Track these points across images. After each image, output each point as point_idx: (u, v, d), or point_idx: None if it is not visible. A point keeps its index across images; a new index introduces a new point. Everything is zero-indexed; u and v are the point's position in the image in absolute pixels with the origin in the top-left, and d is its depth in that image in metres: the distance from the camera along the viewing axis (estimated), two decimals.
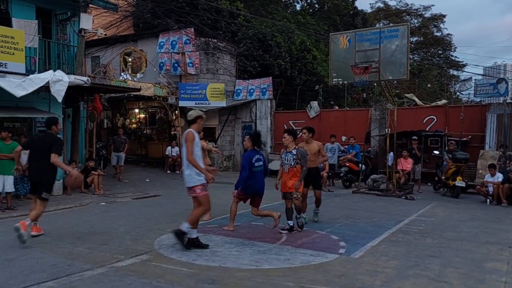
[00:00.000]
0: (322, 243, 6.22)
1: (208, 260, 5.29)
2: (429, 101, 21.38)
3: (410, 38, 12.16)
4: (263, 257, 5.46)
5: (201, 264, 5.13)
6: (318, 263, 5.24)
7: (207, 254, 5.54)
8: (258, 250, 5.75)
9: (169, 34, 17.33)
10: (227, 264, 5.12)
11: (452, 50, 36.09)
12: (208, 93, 16.67)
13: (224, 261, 5.25)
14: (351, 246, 6.03)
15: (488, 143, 13.30)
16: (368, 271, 4.95)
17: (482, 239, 6.61)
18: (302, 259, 5.39)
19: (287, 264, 5.17)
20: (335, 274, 4.81)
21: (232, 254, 5.55)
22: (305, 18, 24.51)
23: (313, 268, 5.05)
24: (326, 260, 5.34)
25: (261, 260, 5.30)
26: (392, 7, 36.34)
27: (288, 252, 5.68)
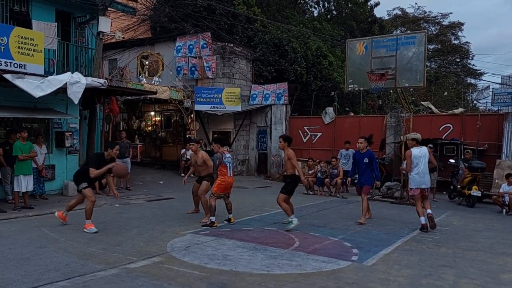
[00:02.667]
0: (335, 250, 6.18)
1: (220, 264, 5.30)
2: (445, 109, 21.12)
3: (427, 45, 12.05)
4: (274, 262, 5.45)
5: (212, 267, 5.15)
6: (330, 269, 5.21)
7: (219, 257, 5.56)
8: (270, 255, 5.74)
9: (186, 38, 17.51)
10: (238, 268, 5.13)
11: (470, 58, 35.65)
12: (223, 97, 16.77)
13: (236, 265, 5.26)
14: (364, 253, 5.98)
15: (505, 153, 13.06)
16: (380, 279, 4.90)
17: (498, 250, 6.48)
18: (314, 265, 5.37)
19: (299, 270, 5.15)
20: (347, 282, 4.78)
21: (243, 259, 5.56)
22: (321, 24, 24.49)
23: (324, 274, 5.03)
24: (338, 267, 5.31)
25: (272, 265, 5.29)
26: (410, 14, 36.09)
27: (300, 258, 5.66)
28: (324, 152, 15.91)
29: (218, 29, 17.91)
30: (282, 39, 19.28)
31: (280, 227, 7.72)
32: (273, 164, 17.27)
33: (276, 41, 19.21)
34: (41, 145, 10.16)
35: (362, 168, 8.70)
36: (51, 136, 11.15)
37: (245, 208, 9.56)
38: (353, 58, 11.96)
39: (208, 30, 17.56)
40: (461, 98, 30.93)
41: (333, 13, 28.79)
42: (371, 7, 28.38)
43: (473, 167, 11.40)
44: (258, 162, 18.27)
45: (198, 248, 6.03)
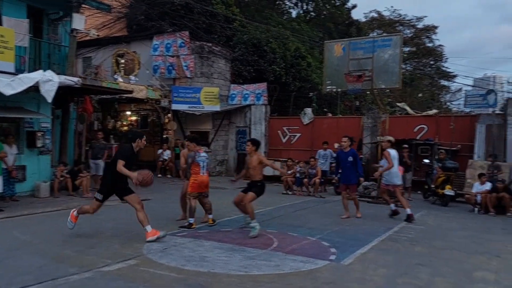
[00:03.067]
0: (312, 250, 6.20)
1: (197, 265, 5.23)
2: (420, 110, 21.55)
3: (402, 48, 12.28)
4: (252, 263, 5.42)
5: (190, 269, 5.08)
6: (308, 269, 5.22)
7: (196, 259, 5.49)
8: (248, 256, 5.71)
9: (163, 36, 17.30)
10: (216, 270, 5.07)
11: (444, 61, 36.54)
12: (202, 97, 16.64)
13: (213, 266, 5.20)
14: (341, 253, 6.02)
15: (477, 153, 13.43)
16: (357, 278, 4.93)
17: (471, 249, 6.63)
18: (291, 265, 5.36)
19: (277, 270, 5.14)
20: (324, 281, 4.79)
21: (221, 260, 5.51)
22: (300, 25, 24.64)
23: (302, 274, 5.03)
24: (316, 267, 5.32)
25: (250, 266, 5.26)
26: (386, 17, 36.70)
27: (278, 258, 5.65)
28: (303, 152, 15.99)
29: (196, 28, 17.77)
30: (261, 39, 19.29)
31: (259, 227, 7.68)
32: None
33: (255, 41, 19.21)
34: (11, 145, 9.82)
35: (347, 167, 8.97)
36: (22, 136, 10.81)
37: (224, 209, 9.50)
38: (331, 60, 12.08)
39: (186, 29, 17.41)
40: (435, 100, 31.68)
41: (312, 14, 29.03)
42: (349, 9, 28.75)
43: (447, 167, 11.68)
44: (237, 162, 18.21)
45: (175, 250, 5.94)
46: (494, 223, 9.04)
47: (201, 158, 7.57)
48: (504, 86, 18.58)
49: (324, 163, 13.53)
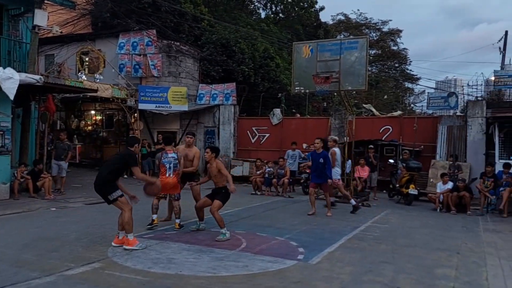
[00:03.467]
0: (281, 250, 6.23)
1: (164, 267, 5.15)
2: (385, 111, 22.16)
3: (368, 50, 12.55)
4: (220, 264, 5.39)
5: (156, 271, 4.99)
6: (276, 269, 5.24)
7: (163, 261, 5.40)
8: (216, 257, 5.68)
9: (129, 35, 16.97)
10: (183, 272, 5.01)
11: (408, 63, 37.68)
12: (169, 96, 16.42)
13: (181, 268, 5.14)
14: (309, 252, 6.08)
15: (439, 153, 13.92)
16: (324, 277, 5.00)
17: (433, 246, 6.86)
18: (260, 265, 5.37)
19: (245, 271, 5.13)
20: (292, 281, 4.82)
21: (189, 261, 5.45)
22: (268, 26, 24.76)
23: (270, 274, 5.04)
24: (284, 267, 5.35)
25: (218, 267, 5.23)
26: (352, 20, 37.46)
27: (247, 259, 5.65)
28: (272, 153, 16.07)
29: (163, 27, 17.53)
30: (230, 39, 19.25)
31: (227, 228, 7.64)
32: None
33: (224, 41, 19.14)
34: None
35: (318, 168, 9.27)
36: None
37: (192, 210, 9.39)
38: (299, 61, 12.17)
39: (153, 27, 17.15)
40: (400, 102, 32.61)
41: (281, 16, 29.22)
42: (317, 11, 29.12)
43: (411, 167, 12.03)
44: (206, 163, 18.06)
45: (142, 252, 5.83)
46: (455, 221, 9.38)
47: (167, 159, 7.42)
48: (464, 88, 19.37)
49: (293, 163, 13.65)
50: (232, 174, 16.37)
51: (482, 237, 7.75)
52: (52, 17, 14.62)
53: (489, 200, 10.68)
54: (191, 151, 7.77)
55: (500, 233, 8.14)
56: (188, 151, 7.73)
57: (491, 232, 8.21)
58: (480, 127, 13.37)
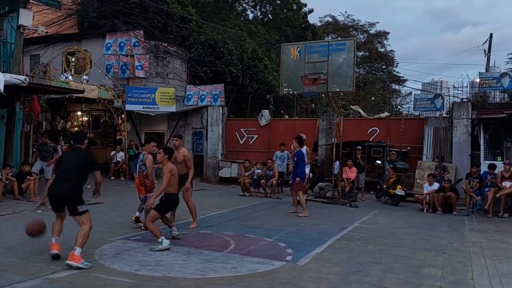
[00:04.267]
0: (269, 251, 6.23)
1: (152, 270, 5.11)
2: (372, 113, 22.33)
3: (356, 52, 12.64)
4: (209, 265, 5.36)
5: (144, 274, 4.95)
6: (265, 270, 5.23)
7: (151, 263, 5.36)
8: (205, 259, 5.65)
9: (116, 35, 16.83)
10: (171, 274, 4.97)
11: (394, 65, 38.07)
12: (157, 97, 16.31)
13: (169, 270, 5.10)
14: (297, 253, 6.09)
15: (425, 154, 14.08)
16: (312, 278, 5.01)
17: (419, 246, 6.93)
18: (248, 267, 5.36)
19: (234, 273, 5.12)
20: (281, 282, 4.82)
21: (177, 263, 5.41)
22: (257, 28, 24.77)
23: (259, 276, 5.04)
24: (273, 268, 5.35)
25: (207, 269, 5.21)
26: (340, 22, 37.71)
27: (235, 260, 5.63)
28: (260, 154, 16.07)
29: (151, 27, 17.41)
30: (218, 40, 19.21)
31: (215, 230, 7.64)
32: (209, 167, 17.12)
33: (212, 42, 19.10)
34: None
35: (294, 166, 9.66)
36: None
37: (180, 211, 9.33)
38: (287, 62, 12.20)
39: (140, 28, 17.03)
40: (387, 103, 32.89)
41: (269, 17, 29.27)
42: (305, 13, 29.23)
43: (397, 168, 12.15)
44: (194, 165, 17.99)
45: (129, 254, 5.77)
46: (441, 221, 9.49)
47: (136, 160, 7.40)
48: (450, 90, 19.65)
49: (281, 164, 13.66)
50: (221, 176, 16.50)
51: (467, 237, 7.85)
52: (37, 17, 14.39)
53: (474, 200, 10.83)
54: (179, 154, 7.69)
55: (485, 233, 8.26)
56: (176, 154, 7.64)
57: (476, 232, 8.33)
58: (465, 128, 13.56)
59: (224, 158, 17.07)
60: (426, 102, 15.89)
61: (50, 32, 16.33)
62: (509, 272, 5.55)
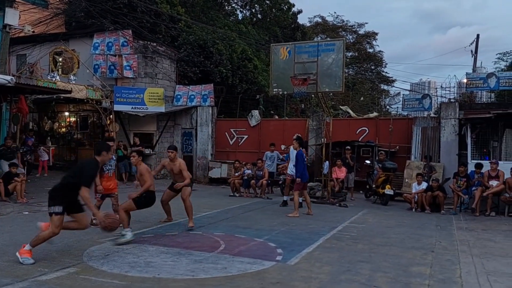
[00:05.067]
0: (260, 251, 6.23)
1: (142, 271, 5.07)
2: (361, 113, 22.48)
3: (345, 52, 12.71)
4: (199, 266, 5.34)
5: (134, 275, 4.91)
6: (255, 271, 5.23)
7: (140, 265, 5.32)
8: (195, 260, 5.63)
9: (104, 35, 16.68)
10: (161, 275, 4.95)
11: (383, 66, 38.37)
12: (146, 97, 16.20)
13: (159, 271, 5.07)
14: (288, 253, 6.10)
15: (413, 154, 14.22)
16: (303, 277, 5.02)
17: (408, 245, 6.99)
18: (239, 267, 5.36)
19: (224, 273, 5.11)
20: (271, 282, 4.83)
21: (167, 264, 5.38)
22: (246, 28, 24.76)
23: (249, 276, 5.03)
24: (263, 268, 5.35)
25: (197, 270, 5.19)
26: (329, 22, 37.88)
27: (226, 261, 5.62)
28: (250, 154, 16.07)
29: (139, 27, 17.29)
30: (207, 40, 19.16)
31: (205, 230, 7.62)
32: (199, 167, 17.06)
33: (201, 42, 19.05)
34: None
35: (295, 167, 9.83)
36: None
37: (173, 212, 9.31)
38: (277, 63, 12.22)
39: (128, 27, 16.89)
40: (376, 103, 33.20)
41: (258, 17, 29.28)
42: (294, 13, 29.31)
43: (386, 168, 12.24)
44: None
45: (118, 256, 5.73)
46: (429, 220, 9.59)
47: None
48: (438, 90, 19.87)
49: (271, 164, 13.68)
50: (210, 176, 16.46)
51: (455, 235, 7.94)
52: (24, 16, 14.20)
53: (462, 199, 10.97)
54: (175, 165, 7.70)
55: (472, 231, 8.36)
56: (172, 166, 7.67)
57: (464, 231, 8.43)
58: (453, 128, 13.73)
59: (214, 159, 17.04)
60: (414, 102, 16.04)
61: (37, 31, 16.13)
62: (496, 269, 5.63)
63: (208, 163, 16.76)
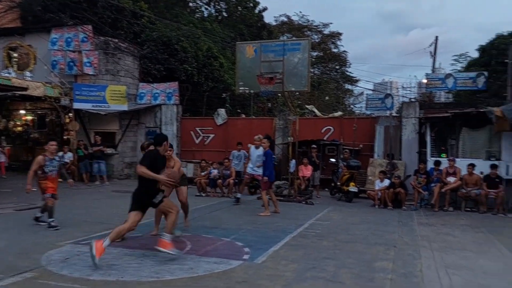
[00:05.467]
0: (227, 250, 6.18)
1: (104, 274, 4.91)
2: (326, 112, 22.83)
3: (310, 52, 12.84)
4: (165, 267, 5.23)
5: (96, 279, 4.74)
6: (222, 270, 5.18)
7: (103, 268, 5.14)
8: (160, 261, 5.51)
9: (63, 30, 16.08)
10: (125, 278, 4.80)
11: (347, 66, 39.13)
12: (107, 95, 15.74)
13: (122, 274, 4.92)
14: (254, 251, 6.09)
15: (376, 152, 14.58)
16: (269, 275, 5.02)
17: (371, 241, 7.14)
18: (205, 267, 5.29)
19: (190, 274, 5.02)
20: (237, 281, 4.79)
21: (131, 267, 5.23)
22: (212, 25, 24.57)
23: (216, 276, 4.98)
24: (230, 267, 5.31)
25: (162, 271, 5.07)
26: (295, 22, 38.21)
27: (192, 261, 5.54)
28: (217, 153, 15.93)
29: (100, 22, 16.77)
30: (172, 37, 18.85)
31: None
32: None
33: (165, 39, 18.72)
34: None
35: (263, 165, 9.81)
36: None
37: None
38: (243, 61, 12.18)
39: (89, 22, 16.35)
40: (340, 103, 33.82)
41: (224, 15, 29.13)
42: (260, 12, 29.39)
43: (351, 166, 12.48)
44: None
45: (79, 259, 5.51)
46: (391, 216, 9.85)
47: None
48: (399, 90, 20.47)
49: (238, 163, 13.59)
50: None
51: (416, 230, 8.20)
52: None
53: (422, 195, 11.34)
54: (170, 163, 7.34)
55: (432, 226, 8.66)
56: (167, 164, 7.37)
57: (424, 226, 8.72)
58: (413, 127, 14.17)
59: (179, 158, 16.76)
60: (377, 102, 16.44)
61: None
62: (455, 263, 5.85)
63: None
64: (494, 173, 10.63)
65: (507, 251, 6.55)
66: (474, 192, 10.63)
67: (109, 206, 10.03)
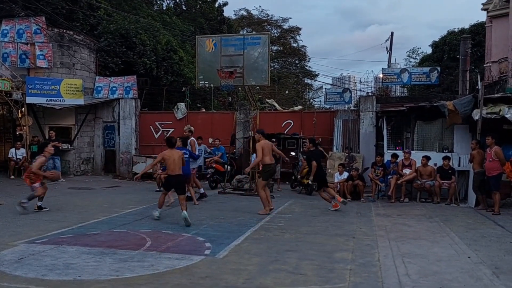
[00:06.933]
0: (188, 246, 6.14)
1: (61, 274, 4.75)
2: (287, 106, 23.08)
3: (270, 46, 12.91)
4: (124, 265, 5.13)
5: (52, 279, 4.58)
6: (183, 266, 5.14)
7: (59, 267, 4.97)
8: (120, 259, 5.39)
9: (14, 21, 15.29)
10: (83, 277, 4.67)
11: (307, 60, 39.69)
12: (62, 89, 15.10)
13: (80, 273, 4.78)
14: (216, 246, 6.08)
15: (335, 145, 14.92)
16: (232, 270, 5.03)
17: (332, 232, 7.32)
18: (167, 263, 5.23)
19: (151, 271, 4.95)
20: (200, 276, 4.78)
21: (89, 265, 5.09)
22: (171, 18, 24.13)
23: (178, 272, 4.94)
24: (192, 263, 5.28)
25: (122, 269, 4.97)
26: (255, 16, 38.27)
27: (153, 258, 5.46)
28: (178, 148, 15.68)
29: (54, 14, 16.06)
30: (130, 30, 18.36)
31: (130, 228, 7.33)
32: (122, 162, 16.37)
33: (123, 31, 18.20)
34: None
35: None
36: None
37: (92, 210, 8.82)
38: (203, 55, 12.06)
39: (42, 14, 15.61)
40: (300, 97, 34.23)
41: (183, 8, 28.69)
42: (220, 6, 29.16)
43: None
44: (105, 160, 17.09)
45: (34, 259, 5.30)
46: (350, 208, 10.10)
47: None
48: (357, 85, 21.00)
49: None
50: (135, 171, 15.85)
51: (374, 221, 8.47)
52: None
53: (379, 187, 11.73)
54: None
55: (389, 217, 8.98)
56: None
57: (381, 217, 9.03)
58: (370, 120, 14.60)
59: (138, 153, 16.45)
60: (336, 96, 16.81)
61: None
62: (410, 251, 6.10)
63: (132, 158, 16.14)
64: (447, 165, 11.14)
65: (458, 239, 6.89)
66: (428, 184, 11.09)
67: (65, 203, 9.68)
